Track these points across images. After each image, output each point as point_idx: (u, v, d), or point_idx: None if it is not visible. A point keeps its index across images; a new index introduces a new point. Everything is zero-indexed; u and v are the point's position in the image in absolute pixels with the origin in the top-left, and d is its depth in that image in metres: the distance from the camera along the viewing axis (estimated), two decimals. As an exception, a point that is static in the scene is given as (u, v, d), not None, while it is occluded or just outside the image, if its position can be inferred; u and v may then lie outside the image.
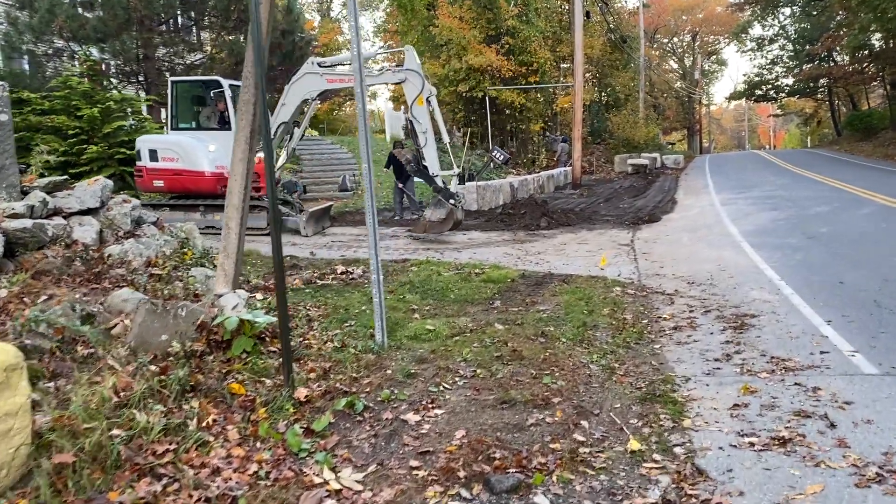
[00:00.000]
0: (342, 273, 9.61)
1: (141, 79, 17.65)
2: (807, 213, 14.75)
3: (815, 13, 48.15)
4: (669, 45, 77.17)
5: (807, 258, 10.11)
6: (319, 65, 12.90)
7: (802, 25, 52.70)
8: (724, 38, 73.38)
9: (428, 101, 12.41)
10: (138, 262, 6.79)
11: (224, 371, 4.92)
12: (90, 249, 6.60)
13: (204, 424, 4.21)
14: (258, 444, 4.17)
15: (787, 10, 55.69)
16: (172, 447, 3.89)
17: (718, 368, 5.75)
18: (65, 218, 6.82)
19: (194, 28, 18.39)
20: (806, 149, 59.29)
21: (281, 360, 5.30)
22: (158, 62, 17.12)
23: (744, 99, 68.22)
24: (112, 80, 17.51)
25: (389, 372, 5.52)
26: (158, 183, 13.50)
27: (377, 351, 5.99)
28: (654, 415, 4.78)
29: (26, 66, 17.22)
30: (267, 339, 5.64)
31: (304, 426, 4.46)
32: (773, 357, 5.94)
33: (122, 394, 4.17)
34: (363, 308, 7.55)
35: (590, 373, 5.66)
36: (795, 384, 5.27)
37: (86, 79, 16.48)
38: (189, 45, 17.75)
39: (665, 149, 51.65)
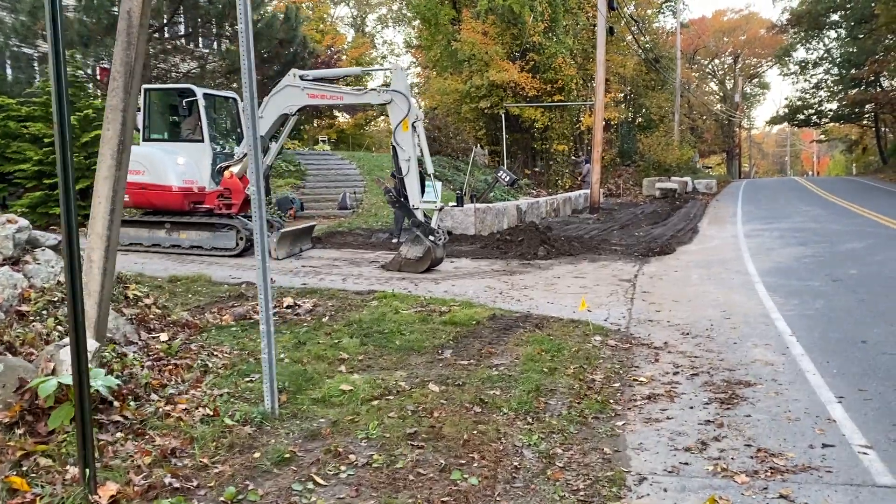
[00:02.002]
0: (287, 307, 8.49)
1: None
2: (837, 249, 13.27)
3: (861, 36, 46.16)
4: (710, 66, 75.27)
5: (828, 307, 8.72)
6: (302, 77, 11.88)
7: (848, 49, 50.66)
8: (767, 60, 71.35)
9: (413, 127, 11.31)
10: (6, 294, 5.73)
11: (21, 454, 3.79)
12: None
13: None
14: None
15: (833, 34, 53.72)
16: None
17: (686, 464, 4.46)
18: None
19: (184, 36, 17.55)
20: (849, 176, 56.93)
21: (121, 433, 4.18)
22: (148, 70, 16.31)
23: (785, 123, 66.06)
24: (96, 87, 16.79)
25: (258, 455, 4.34)
26: (124, 197, 12.52)
27: (260, 422, 4.82)
28: (577, 541, 3.54)
29: (9, 71, 16.55)
30: (116, 403, 4.52)
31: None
32: (760, 449, 4.63)
33: None
34: (282, 356, 6.40)
35: (519, 463, 4.42)
36: (780, 497, 3.98)
37: (71, 85, 15.73)
38: (183, 53, 16.96)
39: (700, 172, 49.93)
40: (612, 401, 5.61)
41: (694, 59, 68.62)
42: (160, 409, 4.68)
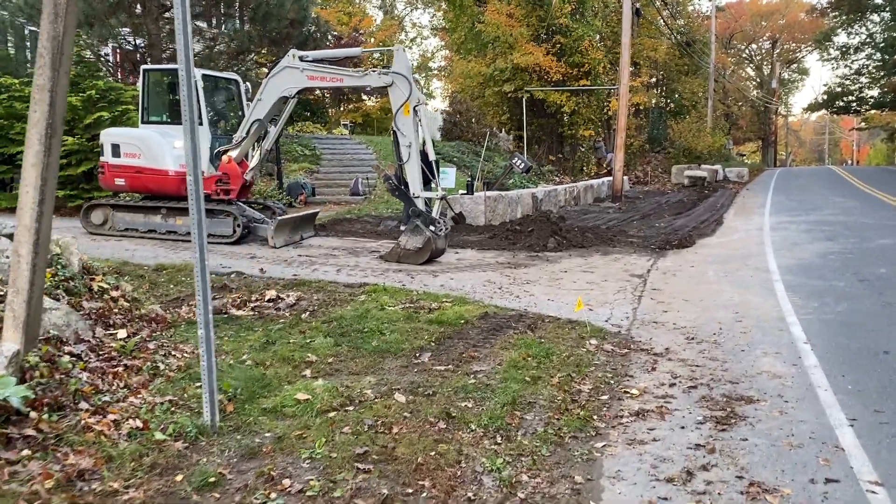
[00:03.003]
0: (269, 300, 8.04)
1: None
2: (867, 245, 12.49)
3: (905, 20, 44.40)
4: (746, 51, 73.30)
5: (850, 311, 8.05)
6: (301, 59, 11.40)
7: (892, 34, 48.74)
8: (806, 45, 69.22)
9: (415, 111, 10.78)
10: (-56, 289, 5.35)
11: None
12: None
13: None
14: None
15: (876, 17, 51.74)
16: None
17: (665, 500, 3.92)
18: None
19: (195, 17, 17.09)
20: (890, 166, 55.13)
21: (28, 450, 3.76)
22: (158, 51, 15.94)
23: (824, 110, 64.08)
24: (103, 68, 16.48)
25: (180, 478, 3.88)
26: (120, 181, 12.22)
27: (195, 436, 4.37)
28: None
29: (11, 50, 16.29)
30: (33, 415, 4.10)
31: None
32: (752, 483, 4.07)
33: None
34: (244, 358, 5.96)
35: (475, 494, 3.92)
36: (768, 548, 3.43)
37: (75, 65, 15.42)
38: (194, 34, 16.47)
39: (733, 160, 48.67)
40: (595, 417, 5.07)
41: (730, 43, 66.84)
42: (83, 421, 4.25)
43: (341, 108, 42.67)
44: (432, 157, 11.24)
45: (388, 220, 15.61)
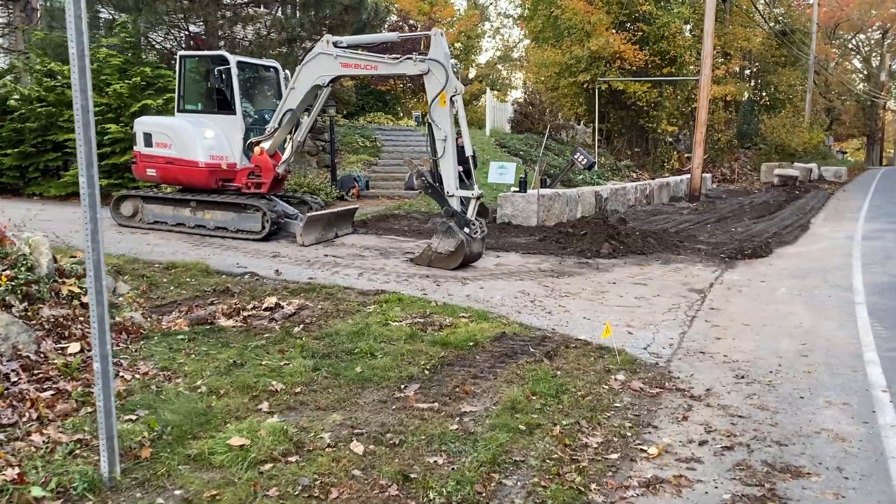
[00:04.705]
0: (267, 308, 7.28)
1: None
2: (976, 262, 10.82)
3: None
4: (853, 41, 68.71)
5: (946, 348, 6.67)
6: (335, 45, 10.62)
7: None
8: (921, 35, 64.30)
9: (452, 102, 9.83)
10: None
11: None
12: None
13: None
14: None
15: None
16: None
17: None
18: None
19: (247, 4, 16.57)
20: None
21: None
22: (213, 38, 15.52)
23: (937, 105, 59.44)
24: (152, 55, 16.21)
25: (28, 558, 3.11)
26: (151, 172, 11.76)
27: (81, 494, 3.59)
28: None
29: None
30: None
31: None
32: None
33: None
34: (199, 382, 5.18)
35: None
36: None
37: (124, 52, 15.16)
38: (245, 20, 16.03)
39: (832, 158, 45.52)
40: (594, 486, 4.05)
41: (835, 33, 62.72)
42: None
43: (418, 100, 41.99)
44: (469, 151, 10.27)
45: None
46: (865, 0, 62.80)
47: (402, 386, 5.41)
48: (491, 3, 61.59)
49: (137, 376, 5.24)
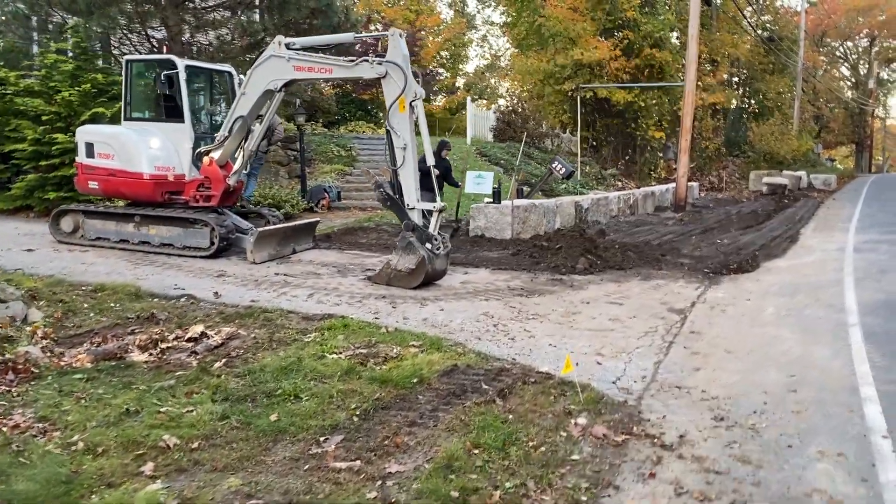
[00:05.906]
0: (191, 339, 6.47)
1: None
2: (976, 277, 10.10)
3: None
4: (841, 49, 68.48)
5: (952, 381, 5.91)
6: (288, 46, 9.85)
7: None
8: (909, 43, 64.12)
9: (412, 107, 9.08)
10: None
11: None
12: None
13: None
14: None
15: None
16: None
17: None
18: None
19: (212, 8, 15.76)
20: None
21: None
22: (177, 44, 14.71)
23: (925, 112, 59.16)
24: (103, 60, 15.41)
25: None
26: (93, 184, 10.93)
27: None
28: None
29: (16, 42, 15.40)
30: None
31: None
32: None
33: None
34: (77, 437, 4.38)
35: None
36: None
37: (77, 58, 14.35)
38: (206, 24, 15.24)
39: (820, 166, 45.00)
40: (533, 574, 3.26)
41: (822, 41, 62.45)
42: None
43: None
44: (430, 161, 9.53)
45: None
46: (853, 7, 62.60)
47: (323, 438, 4.61)
48: (478, 12, 61.11)
49: (5, 430, 4.43)
